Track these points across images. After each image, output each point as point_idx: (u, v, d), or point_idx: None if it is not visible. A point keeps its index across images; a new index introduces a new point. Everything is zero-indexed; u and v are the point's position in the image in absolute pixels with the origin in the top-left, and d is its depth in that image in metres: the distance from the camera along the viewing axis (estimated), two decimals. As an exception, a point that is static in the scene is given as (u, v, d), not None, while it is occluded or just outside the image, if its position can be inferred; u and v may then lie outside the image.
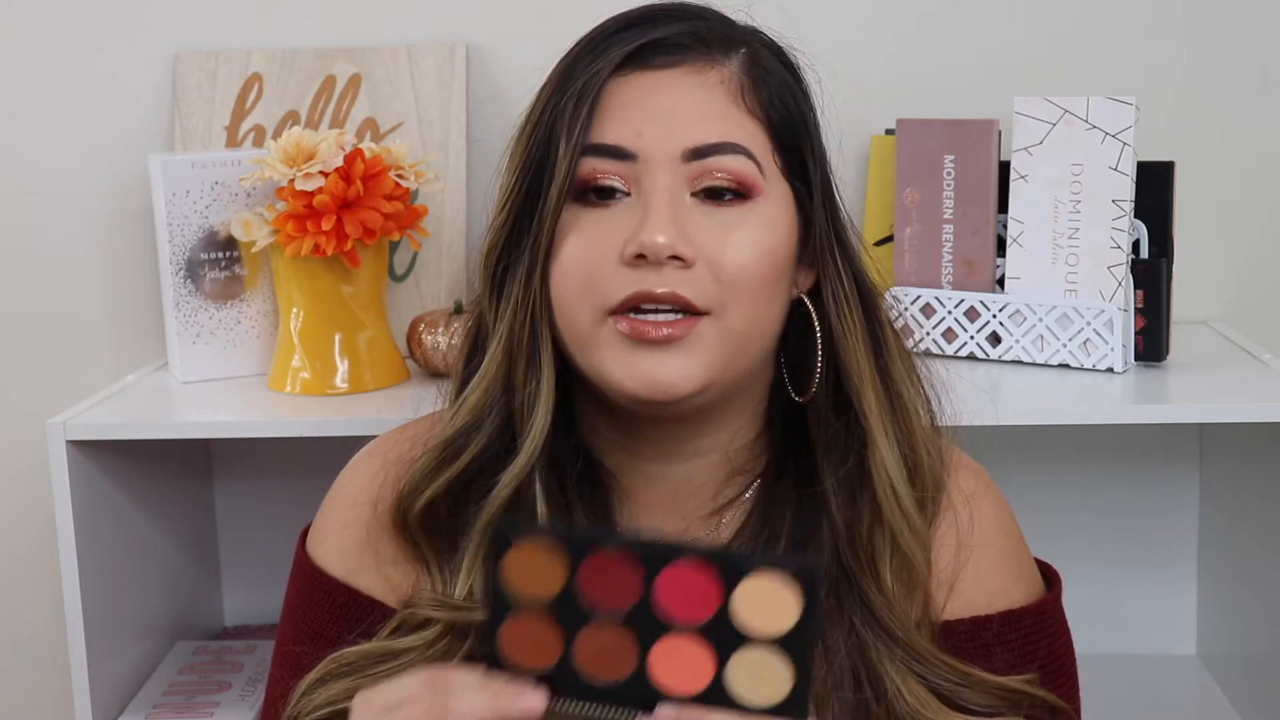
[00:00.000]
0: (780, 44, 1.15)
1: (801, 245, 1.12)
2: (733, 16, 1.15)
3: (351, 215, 1.52)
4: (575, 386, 1.13)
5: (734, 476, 1.15)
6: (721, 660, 0.90)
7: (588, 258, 1.07)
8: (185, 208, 1.62)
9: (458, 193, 1.72)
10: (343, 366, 1.58)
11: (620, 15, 1.12)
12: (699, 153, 1.07)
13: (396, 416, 1.27)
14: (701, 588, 0.90)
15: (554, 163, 1.07)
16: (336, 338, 1.58)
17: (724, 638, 0.90)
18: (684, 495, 1.15)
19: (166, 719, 1.58)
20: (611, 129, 1.08)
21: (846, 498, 1.12)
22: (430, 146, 1.72)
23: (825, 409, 1.13)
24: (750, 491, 1.15)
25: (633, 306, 1.06)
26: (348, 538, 1.18)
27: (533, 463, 1.10)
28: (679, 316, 1.06)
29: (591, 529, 0.93)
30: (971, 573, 1.13)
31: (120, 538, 1.59)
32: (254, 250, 1.60)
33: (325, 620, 1.16)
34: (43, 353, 1.85)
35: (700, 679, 0.90)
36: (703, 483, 1.15)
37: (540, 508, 1.11)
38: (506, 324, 1.11)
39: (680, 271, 1.05)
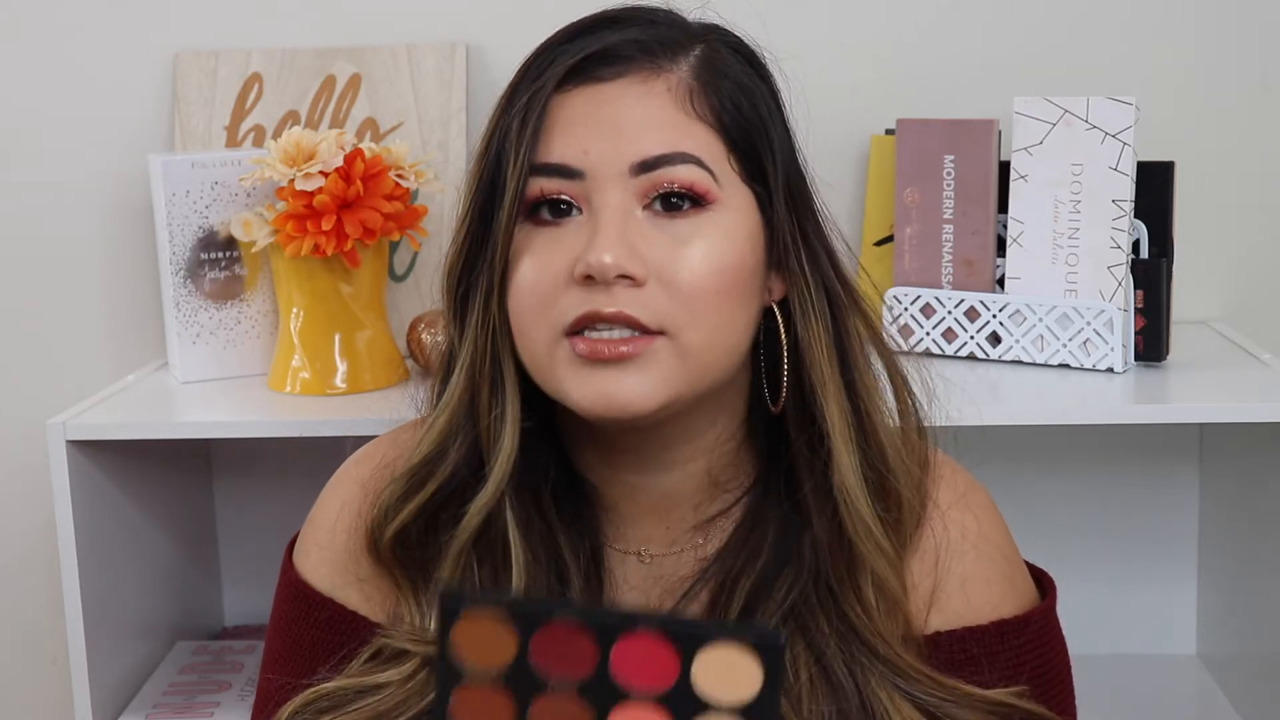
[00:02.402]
0: (745, 41, 1.12)
1: (769, 250, 1.09)
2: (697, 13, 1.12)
3: (351, 215, 1.52)
4: (554, 402, 1.10)
5: (719, 489, 1.13)
6: None
7: (541, 279, 1.05)
8: (185, 208, 1.62)
9: (463, 183, 1.72)
10: (342, 366, 1.58)
11: (568, 26, 1.09)
12: (647, 165, 1.04)
13: (396, 416, 1.26)
14: (659, 658, 0.87)
15: (503, 184, 1.05)
16: (336, 338, 1.58)
17: (684, 706, 0.87)
18: (667, 507, 1.14)
19: (166, 719, 1.58)
20: (557, 147, 1.05)
21: (824, 513, 1.09)
22: (430, 146, 1.72)
23: (794, 421, 1.11)
24: (737, 506, 1.13)
25: (584, 326, 1.04)
26: (330, 554, 1.17)
27: (501, 490, 1.08)
28: (633, 334, 1.03)
29: (541, 601, 0.90)
30: (959, 583, 1.11)
31: (120, 538, 1.59)
32: (254, 250, 1.60)
33: (310, 633, 1.16)
34: (43, 353, 1.85)
35: None
36: (685, 493, 1.14)
37: (513, 534, 1.09)
38: (469, 348, 1.09)
39: (630, 290, 1.03)
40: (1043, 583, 1.18)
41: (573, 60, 1.06)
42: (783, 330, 1.10)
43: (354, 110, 1.75)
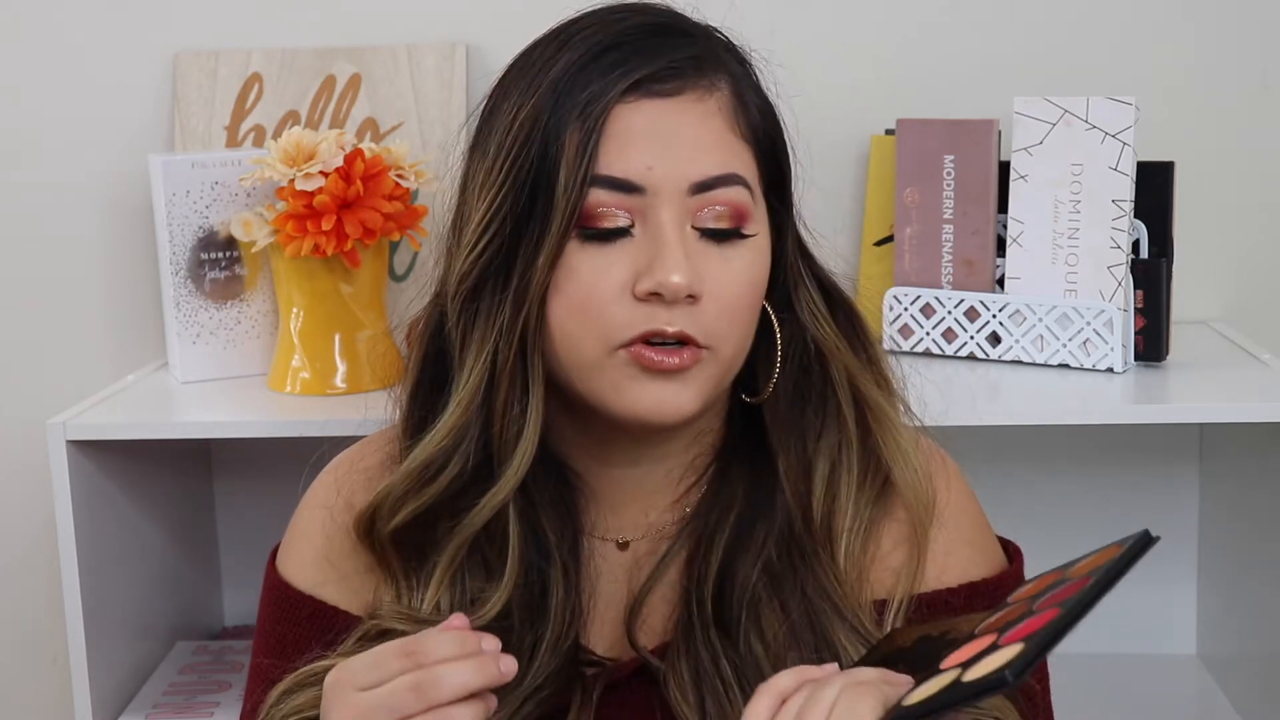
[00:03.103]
0: (735, 43, 1.13)
1: (775, 256, 1.12)
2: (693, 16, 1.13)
3: (351, 215, 1.52)
4: (545, 395, 1.11)
5: (696, 463, 1.16)
6: None
7: (595, 292, 1.05)
8: (185, 208, 1.62)
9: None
10: (342, 366, 1.58)
11: (602, 28, 1.08)
12: (704, 186, 1.06)
13: (396, 417, 1.27)
14: None
15: (553, 191, 1.04)
16: (336, 338, 1.58)
17: None
18: (649, 491, 1.16)
19: (166, 719, 1.58)
20: (619, 161, 1.05)
21: (802, 481, 1.13)
22: (430, 146, 1.72)
23: (784, 403, 1.14)
24: (709, 471, 1.16)
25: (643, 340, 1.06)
26: (309, 552, 1.19)
27: (514, 487, 1.10)
28: (684, 346, 1.06)
29: None
30: (931, 550, 1.13)
31: (120, 538, 1.59)
32: (254, 250, 1.60)
33: (294, 633, 1.17)
34: (43, 353, 1.85)
35: None
36: (670, 481, 1.16)
37: (513, 525, 1.11)
38: (490, 349, 1.08)
39: (688, 308, 1.05)
40: (1009, 551, 1.20)
41: (638, 74, 1.05)
42: (776, 323, 1.13)
43: (354, 110, 1.75)
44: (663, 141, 1.06)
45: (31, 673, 1.89)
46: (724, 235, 1.07)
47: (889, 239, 1.68)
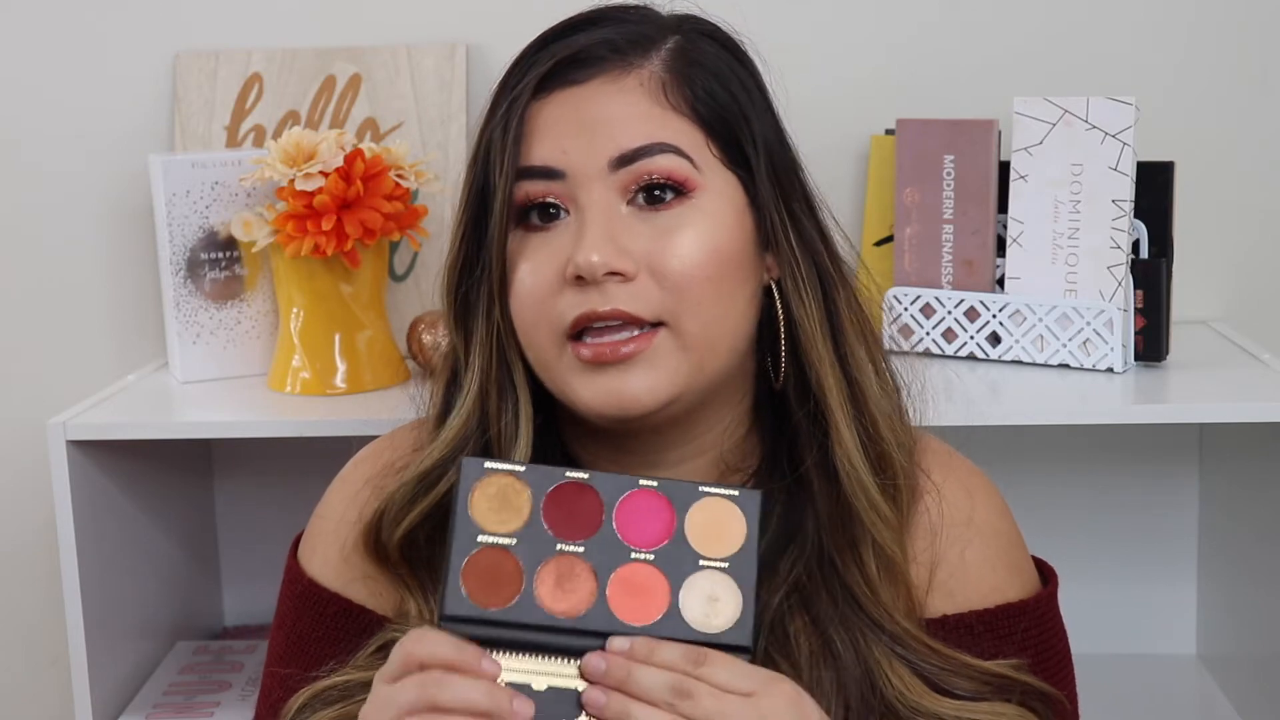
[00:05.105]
0: (722, 29, 1.14)
1: (759, 231, 1.11)
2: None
3: (351, 215, 1.52)
4: (556, 401, 1.12)
5: (728, 476, 1.15)
6: (675, 588, 0.97)
7: (537, 283, 1.07)
8: (185, 208, 1.62)
9: (458, 193, 1.72)
10: (343, 366, 1.58)
11: (543, 33, 1.12)
12: (625, 159, 1.06)
13: (396, 416, 1.27)
14: (657, 514, 0.98)
15: (492, 191, 1.08)
16: (336, 338, 1.58)
17: (678, 564, 0.97)
18: None
19: (166, 719, 1.58)
20: (538, 150, 1.08)
21: (825, 487, 1.11)
22: (430, 147, 1.72)
23: (793, 397, 1.13)
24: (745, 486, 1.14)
25: (583, 328, 1.06)
26: (336, 550, 1.18)
27: None
28: (635, 333, 1.06)
29: (551, 467, 1.01)
30: (963, 566, 1.13)
31: (120, 538, 1.59)
32: (254, 250, 1.60)
33: (318, 629, 1.16)
34: (43, 353, 1.85)
35: (656, 608, 0.97)
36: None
37: None
38: (478, 358, 1.11)
39: (622, 286, 1.05)
40: (1044, 572, 1.20)
41: (546, 67, 1.09)
42: (780, 307, 1.12)
43: (354, 110, 1.75)
44: (576, 124, 1.07)
45: (31, 673, 1.89)
46: (662, 203, 1.07)
47: (889, 239, 1.69)
